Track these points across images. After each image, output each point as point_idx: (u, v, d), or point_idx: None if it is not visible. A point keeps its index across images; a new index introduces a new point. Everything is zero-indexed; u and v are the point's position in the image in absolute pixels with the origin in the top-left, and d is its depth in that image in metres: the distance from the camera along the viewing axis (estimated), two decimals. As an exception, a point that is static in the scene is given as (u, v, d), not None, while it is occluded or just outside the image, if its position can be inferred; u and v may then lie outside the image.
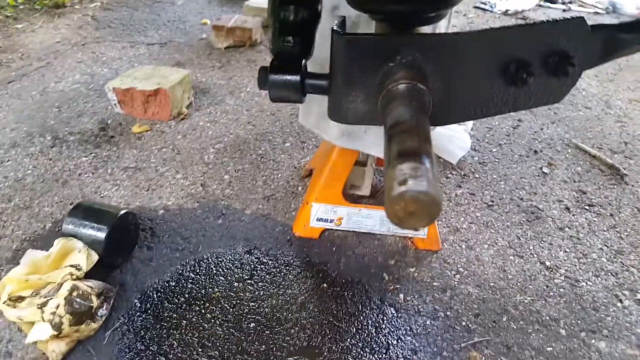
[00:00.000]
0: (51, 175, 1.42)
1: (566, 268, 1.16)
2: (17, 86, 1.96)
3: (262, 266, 1.14)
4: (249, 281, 1.09)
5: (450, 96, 0.61)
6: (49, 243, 1.04)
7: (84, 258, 0.99)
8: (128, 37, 2.58)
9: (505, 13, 3.05)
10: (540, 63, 0.61)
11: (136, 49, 2.42)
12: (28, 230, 1.21)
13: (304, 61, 0.67)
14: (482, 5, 3.17)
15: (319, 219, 1.22)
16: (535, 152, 1.61)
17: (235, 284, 1.08)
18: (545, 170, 1.51)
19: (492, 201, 1.37)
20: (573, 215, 1.33)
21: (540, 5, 3.26)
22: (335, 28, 0.61)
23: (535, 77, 0.61)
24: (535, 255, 1.19)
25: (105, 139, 1.61)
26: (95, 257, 1.02)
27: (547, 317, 1.03)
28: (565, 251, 1.21)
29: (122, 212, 1.08)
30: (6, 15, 2.74)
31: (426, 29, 0.81)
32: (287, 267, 1.14)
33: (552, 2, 3.29)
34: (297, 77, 0.65)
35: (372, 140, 1.09)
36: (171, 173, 1.46)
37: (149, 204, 1.32)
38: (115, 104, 1.75)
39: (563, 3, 3.28)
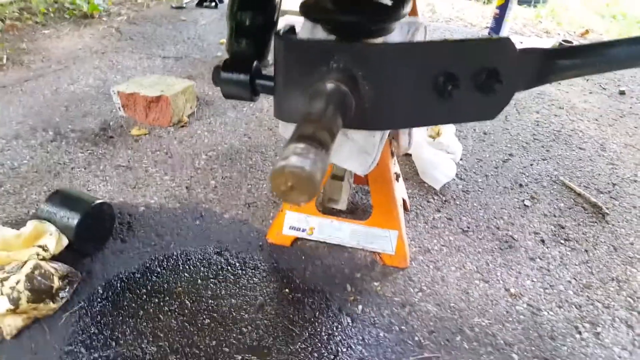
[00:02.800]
0: (45, 167, 1.48)
1: (530, 296, 1.15)
2: (32, 85, 2.07)
3: (229, 267, 1.16)
4: (213, 280, 1.11)
5: (382, 103, 0.65)
6: (28, 226, 1.09)
7: (53, 241, 1.04)
8: (146, 49, 2.70)
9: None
10: (470, 78, 0.65)
11: (152, 60, 2.53)
12: (12, 214, 1.27)
13: (255, 62, 0.72)
14: (493, 45, 3.22)
15: (292, 227, 1.25)
16: (521, 185, 1.61)
17: (199, 281, 1.11)
18: (527, 203, 1.51)
19: (468, 227, 1.38)
20: (547, 247, 1.32)
21: (551, 50, 3.30)
22: (280, 32, 0.65)
23: (464, 91, 0.64)
24: (501, 282, 1.19)
25: (104, 139, 1.68)
26: (65, 241, 1.06)
27: (502, 341, 1.02)
28: (533, 281, 1.20)
29: (97, 201, 1.12)
30: (36, 21, 2.90)
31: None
32: (253, 271, 1.16)
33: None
34: (246, 77, 0.70)
35: (346, 154, 1.12)
36: (160, 174, 1.51)
37: (132, 201, 1.36)
38: (119, 107, 1.83)
39: (575, 49, 3.31)
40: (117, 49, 2.66)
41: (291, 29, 0.71)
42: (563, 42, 3.44)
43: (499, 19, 3.58)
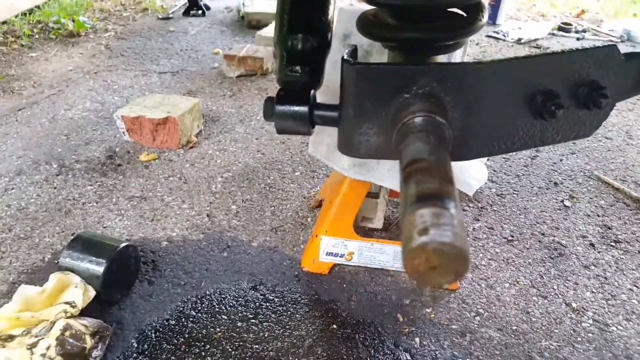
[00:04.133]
0: (54, 205, 1.38)
1: (594, 310, 1.08)
2: (27, 113, 1.96)
3: (267, 304, 1.07)
4: (253, 321, 1.02)
5: (472, 130, 0.56)
6: (47, 276, 0.99)
7: (80, 294, 0.94)
8: (140, 65, 2.59)
9: (518, 42, 3.02)
10: (569, 94, 0.56)
11: (148, 77, 2.42)
12: (27, 262, 1.17)
13: (312, 91, 0.63)
14: (495, 34, 3.15)
15: (329, 253, 1.16)
16: (556, 184, 1.54)
17: (239, 323, 1.02)
18: (567, 203, 1.44)
19: (512, 236, 1.30)
20: (599, 252, 1.25)
21: (553, 34, 3.24)
22: (345, 57, 0.56)
23: (565, 110, 0.56)
24: (560, 296, 1.11)
25: (112, 168, 1.58)
26: (92, 292, 0.97)
27: (577, 366, 0.95)
28: (592, 292, 1.13)
29: (122, 245, 1.03)
30: (21, 44, 2.78)
31: (441, 59, 0.77)
32: (294, 306, 1.07)
33: (565, 31, 3.26)
34: (305, 108, 0.61)
35: (385, 172, 1.04)
36: (177, 203, 1.41)
37: (152, 235, 1.27)
38: (123, 132, 1.73)
39: (577, 32, 3.26)
40: (110, 67, 2.55)
41: (354, 51, 0.62)
42: (562, 25, 3.38)
43: (495, 6, 3.51)
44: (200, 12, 3.65)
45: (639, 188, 1.52)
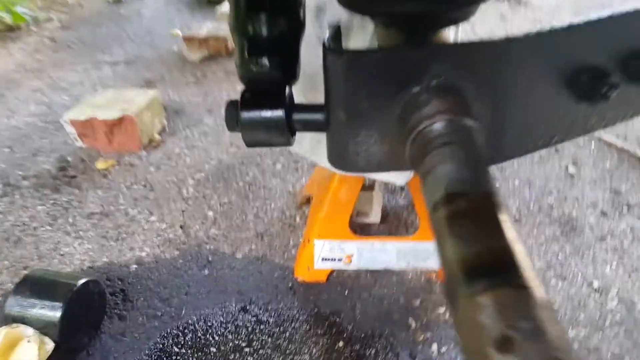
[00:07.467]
0: (1, 233, 1.20)
1: (618, 287, 0.98)
2: (-36, 126, 1.73)
3: (261, 326, 0.94)
4: (247, 349, 0.89)
5: (502, 125, 0.42)
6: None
7: (34, 349, 0.79)
8: (90, 57, 2.35)
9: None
10: (618, 68, 0.43)
11: (99, 69, 2.20)
12: (-28, 308, 1.00)
13: (287, 89, 0.47)
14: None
15: (325, 259, 1.03)
16: (556, 150, 1.43)
17: (231, 356, 0.88)
18: (571, 169, 1.33)
19: (519, 212, 1.19)
20: (612, 220, 1.15)
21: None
22: (327, 43, 0.41)
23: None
24: (579, 275, 1.01)
25: (66, 181, 1.40)
26: (50, 345, 0.82)
27: (609, 355, 0.85)
28: (612, 267, 1.03)
29: (81, 281, 0.87)
30: (-48, 45, 2.50)
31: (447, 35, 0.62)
32: (292, 324, 0.94)
33: None
34: (280, 112, 0.45)
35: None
36: (144, 215, 1.25)
37: (118, 259, 1.11)
38: (75, 138, 1.54)
39: None
40: (56, 62, 2.31)
41: (337, 33, 0.47)
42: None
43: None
44: (151, -9, 3.37)
45: (643, 144, 1.43)
